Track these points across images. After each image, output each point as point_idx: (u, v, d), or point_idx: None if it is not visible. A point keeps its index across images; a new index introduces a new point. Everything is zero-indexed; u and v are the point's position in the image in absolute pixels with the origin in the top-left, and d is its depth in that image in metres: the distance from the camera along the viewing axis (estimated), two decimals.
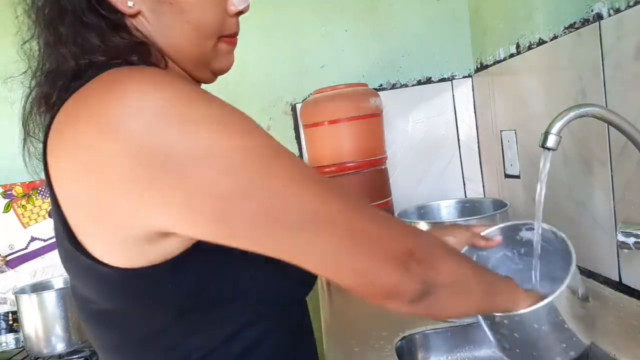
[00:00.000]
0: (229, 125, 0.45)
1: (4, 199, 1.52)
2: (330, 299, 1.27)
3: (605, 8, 0.88)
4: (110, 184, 0.44)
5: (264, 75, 1.62)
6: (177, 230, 0.46)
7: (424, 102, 1.61)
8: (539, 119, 1.17)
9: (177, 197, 0.43)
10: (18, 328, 1.43)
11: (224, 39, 0.60)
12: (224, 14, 0.58)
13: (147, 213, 0.45)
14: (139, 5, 0.53)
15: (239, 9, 0.59)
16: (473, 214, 1.10)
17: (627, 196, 0.88)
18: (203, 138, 0.43)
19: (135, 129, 0.42)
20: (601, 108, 0.76)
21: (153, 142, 0.42)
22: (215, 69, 0.62)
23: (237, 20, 0.61)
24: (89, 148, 0.44)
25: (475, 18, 1.54)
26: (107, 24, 0.52)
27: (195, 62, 0.59)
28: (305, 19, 1.61)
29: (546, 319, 0.59)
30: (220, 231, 0.45)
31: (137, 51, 0.53)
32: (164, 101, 0.43)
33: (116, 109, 0.43)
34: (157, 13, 0.53)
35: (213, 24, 0.57)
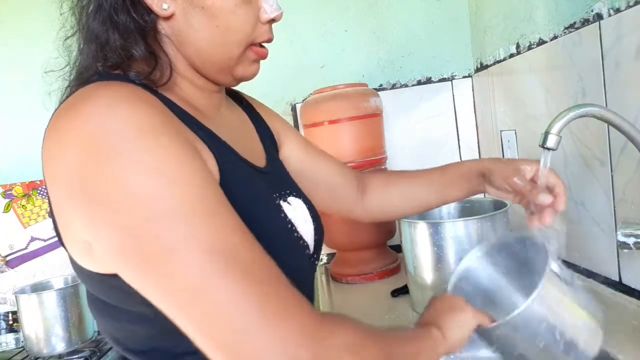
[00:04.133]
0: (148, 170, 0.44)
1: (4, 199, 1.52)
2: (330, 299, 1.27)
3: (605, 8, 0.88)
4: (60, 196, 0.48)
5: (264, 75, 1.61)
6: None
7: (424, 102, 1.61)
8: (539, 119, 1.17)
9: (88, 220, 0.46)
10: (18, 328, 1.43)
11: (253, 47, 0.61)
12: (256, 21, 0.59)
13: (80, 227, 0.47)
14: (172, 8, 0.55)
15: (272, 16, 0.60)
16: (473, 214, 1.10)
17: (627, 196, 0.88)
18: (115, 177, 0.43)
19: (72, 151, 0.45)
20: (601, 108, 0.76)
21: (79, 167, 0.45)
22: (238, 76, 0.62)
23: (270, 28, 0.62)
24: (51, 159, 0.47)
25: (475, 18, 1.54)
26: (135, 27, 0.54)
27: (219, 67, 0.59)
28: (305, 18, 1.61)
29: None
30: (117, 263, 0.46)
31: (144, 63, 0.54)
32: (101, 132, 0.44)
33: (64, 130, 0.46)
34: (188, 16, 0.55)
35: (242, 31, 0.58)
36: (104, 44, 0.54)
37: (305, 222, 0.65)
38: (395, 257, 1.41)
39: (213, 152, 0.53)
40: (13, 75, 1.57)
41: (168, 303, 0.44)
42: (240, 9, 0.57)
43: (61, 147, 0.46)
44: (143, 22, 0.54)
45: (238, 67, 0.61)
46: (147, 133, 0.45)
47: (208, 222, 0.44)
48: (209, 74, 0.60)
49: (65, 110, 0.48)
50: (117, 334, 0.56)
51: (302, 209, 0.67)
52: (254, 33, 0.59)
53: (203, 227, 0.43)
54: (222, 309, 0.42)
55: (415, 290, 1.07)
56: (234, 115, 0.72)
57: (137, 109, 0.46)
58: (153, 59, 0.55)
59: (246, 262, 0.44)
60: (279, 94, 1.63)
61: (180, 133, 0.48)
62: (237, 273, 0.42)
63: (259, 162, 0.66)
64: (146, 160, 0.44)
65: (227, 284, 0.42)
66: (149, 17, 0.54)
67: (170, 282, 0.43)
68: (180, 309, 0.43)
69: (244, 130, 0.72)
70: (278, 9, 0.60)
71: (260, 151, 0.71)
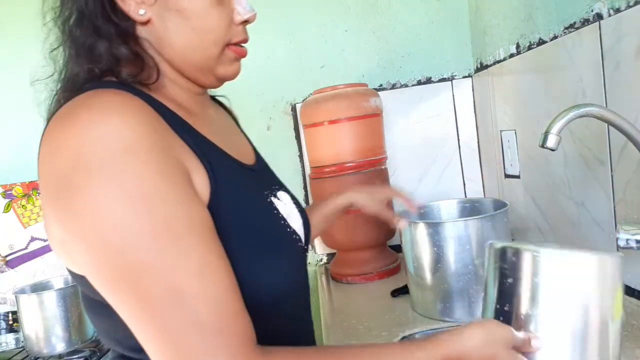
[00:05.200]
0: (124, 194, 0.46)
1: (4, 199, 1.52)
2: (330, 299, 1.27)
3: (605, 8, 0.88)
4: (45, 198, 0.51)
5: (264, 75, 1.62)
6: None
7: (424, 102, 1.61)
8: (539, 119, 1.17)
9: (64, 228, 0.49)
10: (18, 328, 1.43)
11: (231, 47, 0.63)
12: (230, 22, 0.61)
13: (59, 232, 0.51)
14: (149, 14, 0.57)
15: (245, 18, 0.62)
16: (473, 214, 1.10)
17: (627, 196, 0.88)
18: (93, 197, 0.46)
19: (56, 162, 0.48)
20: (601, 108, 0.76)
21: (64, 177, 0.47)
22: (220, 75, 0.64)
23: (244, 29, 0.64)
24: (43, 163, 0.50)
25: (475, 18, 1.54)
26: (116, 32, 0.56)
27: (200, 68, 0.62)
28: (305, 19, 1.61)
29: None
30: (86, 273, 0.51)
31: (131, 65, 0.57)
32: (89, 148, 0.47)
33: (58, 139, 0.49)
34: (165, 20, 0.58)
35: (218, 32, 0.60)
36: (90, 50, 0.56)
37: (295, 216, 0.68)
38: (395, 257, 1.41)
39: (203, 161, 0.54)
40: (14, 75, 1.57)
41: (126, 319, 0.49)
42: (213, 11, 0.59)
43: (53, 154, 0.49)
44: (123, 27, 0.57)
45: (219, 67, 0.63)
46: (131, 155, 0.47)
47: (169, 253, 0.47)
48: (191, 75, 0.62)
49: (61, 118, 0.50)
50: (115, 333, 0.56)
51: (290, 203, 0.70)
52: (229, 33, 0.61)
53: (163, 258, 0.47)
54: (165, 337, 0.47)
55: (415, 290, 1.07)
56: (219, 115, 0.75)
57: (126, 125, 0.48)
58: (139, 60, 0.57)
59: (192, 297, 0.47)
60: (279, 94, 1.63)
61: (168, 151, 0.50)
62: (182, 308, 0.46)
63: (248, 159, 0.68)
64: (125, 184, 0.46)
65: (171, 318, 0.46)
66: (127, 22, 0.57)
67: (128, 307, 0.48)
68: (134, 328, 0.49)
69: (230, 129, 0.75)
70: (251, 11, 0.63)
71: (248, 148, 0.74)
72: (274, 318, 0.57)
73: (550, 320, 0.58)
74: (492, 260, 0.62)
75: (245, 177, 0.63)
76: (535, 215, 1.25)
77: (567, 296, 0.58)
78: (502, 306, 0.60)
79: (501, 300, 0.61)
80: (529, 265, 0.58)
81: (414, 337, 0.97)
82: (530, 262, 0.58)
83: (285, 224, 0.63)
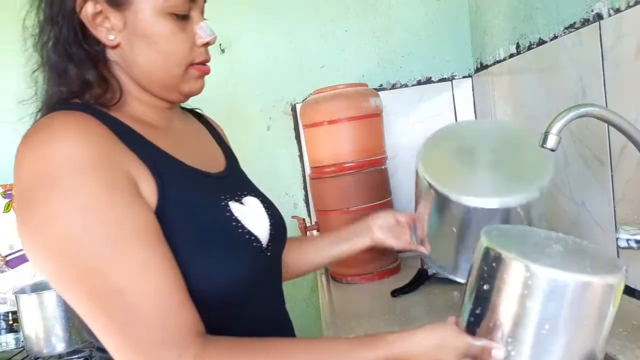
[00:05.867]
0: (77, 208, 0.53)
1: (4, 199, 1.52)
2: (330, 299, 1.27)
3: (605, 8, 0.88)
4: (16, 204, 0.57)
5: (264, 75, 1.62)
6: None
7: (424, 102, 1.61)
8: (539, 119, 1.17)
9: (24, 235, 0.56)
10: (18, 328, 1.43)
11: (195, 66, 0.69)
12: (192, 45, 0.67)
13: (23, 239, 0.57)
14: (118, 39, 0.63)
15: (206, 40, 0.68)
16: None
17: (627, 196, 0.88)
18: (49, 210, 0.53)
19: (21, 176, 0.55)
20: (601, 108, 0.76)
21: (26, 189, 0.55)
22: (185, 92, 0.70)
23: (206, 50, 0.70)
24: (14, 172, 0.57)
25: (475, 18, 1.54)
26: (87, 56, 0.63)
27: (165, 86, 0.68)
28: (305, 18, 1.61)
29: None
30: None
31: (98, 87, 0.63)
32: (47, 164, 0.54)
33: (25, 152, 0.56)
34: (132, 44, 0.64)
35: (181, 54, 0.66)
36: (63, 73, 0.63)
37: (258, 220, 0.71)
38: (395, 257, 1.41)
39: (152, 171, 0.60)
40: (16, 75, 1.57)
41: (83, 317, 0.57)
42: (176, 36, 0.65)
43: (17, 170, 0.56)
44: (94, 52, 0.63)
45: (184, 85, 0.69)
46: (82, 172, 0.54)
47: (115, 256, 0.54)
48: (157, 92, 0.68)
49: (27, 137, 0.57)
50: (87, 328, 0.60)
51: (257, 207, 0.74)
52: (192, 55, 0.67)
53: (109, 260, 0.54)
54: (114, 331, 0.54)
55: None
56: (189, 127, 0.79)
57: (78, 145, 0.54)
58: (105, 83, 0.64)
59: (134, 294, 0.54)
60: (279, 94, 1.63)
61: (116, 165, 0.56)
62: (126, 304, 0.54)
63: (213, 168, 0.73)
64: (76, 198, 0.53)
65: (117, 314, 0.54)
66: (98, 47, 0.63)
67: (81, 306, 0.56)
68: (89, 324, 0.57)
69: (198, 140, 0.79)
70: (211, 34, 0.68)
71: (218, 158, 0.79)
72: (225, 310, 0.64)
73: (523, 338, 0.54)
74: (478, 254, 0.59)
75: (201, 184, 0.68)
76: None
77: (547, 318, 0.53)
78: (474, 307, 0.58)
79: (475, 301, 0.58)
80: (510, 276, 0.54)
81: None
82: (512, 273, 0.54)
83: (238, 225, 0.66)
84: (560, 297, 0.52)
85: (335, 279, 1.41)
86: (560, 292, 0.52)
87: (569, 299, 0.52)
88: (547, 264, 0.53)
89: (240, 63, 1.61)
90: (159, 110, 0.70)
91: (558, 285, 0.52)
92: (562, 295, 0.52)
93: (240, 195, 0.72)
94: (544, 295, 0.52)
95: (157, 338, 0.54)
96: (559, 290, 0.52)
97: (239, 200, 0.71)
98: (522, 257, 0.53)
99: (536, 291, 0.52)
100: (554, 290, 0.52)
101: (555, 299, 0.52)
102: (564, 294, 0.52)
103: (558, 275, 0.51)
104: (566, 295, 0.52)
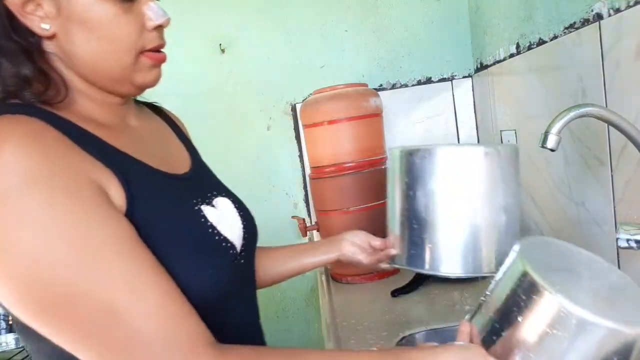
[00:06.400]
0: (34, 220, 0.46)
1: None
2: (330, 299, 1.27)
3: (605, 8, 0.88)
4: None
5: (264, 75, 1.62)
6: None
7: (424, 102, 1.61)
8: (539, 119, 1.17)
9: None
10: None
11: (147, 53, 0.60)
12: (141, 29, 0.59)
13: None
14: (53, 28, 0.55)
15: (158, 23, 0.59)
16: None
17: (627, 196, 0.88)
18: (4, 230, 0.45)
19: None
20: (601, 108, 0.75)
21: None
22: (139, 84, 0.62)
23: (159, 34, 0.61)
24: None
25: (475, 18, 1.54)
26: (20, 49, 0.55)
27: (115, 78, 0.60)
28: (305, 19, 1.61)
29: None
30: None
31: (37, 83, 0.55)
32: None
33: None
34: (70, 33, 0.56)
35: (127, 40, 0.58)
36: (1, 72, 0.55)
37: (232, 224, 0.66)
38: None
39: (115, 172, 0.53)
40: None
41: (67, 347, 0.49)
42: (120, 19, 0.57)
43: None
44: (27, 44, 0.55)
45: (136, 75, 0.61)
46: (33, 185, 0.46)
47: (93, 274, 0.47)
48: (107, 86, 0.60)
49: None
50: (46, 354, 0.54)
51: (229, 208, 0.68)
52: (141, 41, 0.59)
53: (88, 280, 0.47)
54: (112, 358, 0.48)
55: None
56: (148, 124, 0.71)
57: (24, 155, 0.47)
58: (45, 78, 0.56)
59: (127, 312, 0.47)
60: (279, 94, 1.63)
61: (74, 172, 0.49)
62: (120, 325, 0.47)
63: (179, 168, 0.67)
64: (33, 216, 0.46)
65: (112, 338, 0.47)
66: (32, 38, 0.55)
67: (65, 335, 0.48)
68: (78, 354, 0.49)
69: (160, 138, 0.71)
70: (163, 15, 0.60)
71: (182, 156, 0.72)
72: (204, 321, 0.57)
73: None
74: (513, 272, 0.57)
75: (170, 188, 0.61)
76: (535, 215, 1.25)
77: (573, 356, 0.52)
78: (499, 326, 0.57)
79: (501, 320, 0.57)
80: (544, 308, 0.53)
81: (414, 337, 0.97)
82: (546, 306, 0.52)
83: (214, 232, 0.61)
84: (590, 339, 0.51)
85: (335, 279, 1.41)
86: (590, 335, 0.51)
87: (597, 343, 0.51)
88: (583, 303, 0.52)
89: (240, 63, 1.61)
90: (110, 106, 0.62)
91: (589, 327, 0.51)
92: (591, 338, 0.51)
93: (211, 197, 0.66)
94: (573, 334, 0.52)
95: (163, 355, 0.48)
96: (589, 333, 0.51)
97: (210, 202, 0.65)
98: (558, 293, 0.52)
99: (566, 328, 0.52)
100: (584, 331, 0.51)
101: (584, 340, 0.52)
102: (593, 338, 0.51)
103: (591, 318, 0.51)
104: (595, 338, 0.51)
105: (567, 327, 0.51)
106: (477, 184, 0.77)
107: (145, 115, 0.73)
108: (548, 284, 0.53)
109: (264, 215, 1.60)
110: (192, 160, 0.72)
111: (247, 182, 1.61)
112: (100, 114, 0.61)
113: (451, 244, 0.77)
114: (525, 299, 0.54)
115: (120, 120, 0.64)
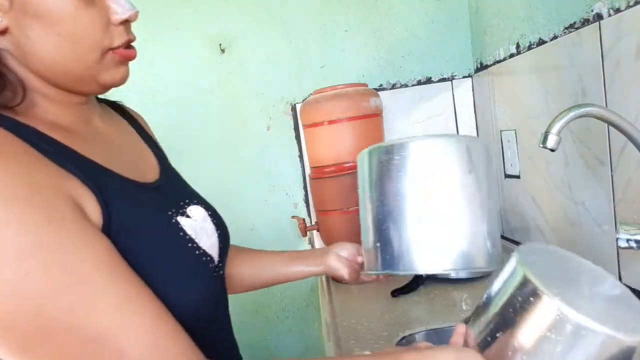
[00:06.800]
0: (8, 248, 0.42)
1: None
2: (330, 299, 1.27)
3: (605, 8, 0.88)
4: None
5: (264, 75, 1.62)
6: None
7: (424, 102, 1.61)
8: (539, 119, 1.17)
9: None
10: None
11: (115, 51, 0.55)
12: (106, 24, 0.54)
13: None
14: (5, 22, 0.49)
15: (124, 17, 0.54)
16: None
17: (627, 196, 0.88)
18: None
19: None
20: (601, 108, 0.75)
21: None
22: (105, 83, 0.57)
23: (126, 29, 0.56)
24: None
25: (475, 18, 1.54)
26: None
27: (77, 78, 0.54)
28: (305, 18, 1.61)
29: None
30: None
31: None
32: None
33: None
34: (24, 28, 0.50)
35: (90, 36, 0.53)
36: None
37: (209, 234, 0.62)
38: None
39: (94, 191, 0.49)
40: None
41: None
42: (81, 13, 0.51)
43: None
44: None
45: (103, 74, 0.55)
46: (11, 205, 0.42)
47: (79, 301, 0.43)
48: (68, 86, 0.55)
49: None
50: None
51: (204, 218, 0.63)
52: (107, 37, 0.54)
53: (74, 308, 0.43)
54: None
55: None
56: (113, 126, 0.65)
57: (5, 170, 0.43)
58: (0, 77, 0.50)
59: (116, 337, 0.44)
60: (279, 94, 1.63)
61: (46, 188, 0.45)
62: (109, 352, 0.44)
63: (148, 176, 0.62)
64: (5, 244, 0.41)
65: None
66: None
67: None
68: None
69: (127, 142, 0.66)
70: (131, 9, 0.55)
71: (150, 162, 0.66)
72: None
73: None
74: (513, 278, 0.56)
75: (143, 198, 0.57)
76: (535, 215, 1.25)
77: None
78: (496, 329, 0.56)
79: (498, 323, 0.56)
80: (544, 313, 0.52)
81: (414, 337, 0.97)
82: (546, 311, 0.52)
83: (193, 247, 0.58)
84: (587, 345, 0.51)
85: (335, 279, 1.41)
86: (588, 341, 0.51)
87: (594, 349, 0.51)
88: (581, 309, 0.51)
89: (240, 63, 1.61)
90: (73, 107, 0.57)
91: (586, 333, 0.51)
92: (588, 344, 0.51)
93: (184, 206, 0.61)
94: (569, 339, 0.51)
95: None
96: (586, 339, 0.51)
97: (184, 212, 0.60)
98: (557, 296, 0.52)
99: (563, 333, 0.51)
100: (581, 337, 0.51)
101: (581, 346, 0.51)
102: (590, 344, 0.51)
103: (589, 324, 0.50)
104: (593, 345, 0.51)
105: (564, 331, 0.51)
106: (436, 177, 0.74)
107: (109, 115, 0.67)
108: (547, 288, 0.52)
109: (264, 215, 1.61)
110: (160, 165, 0.67)
111: (247, 182, 1.62)
112: (63, 116, 0.55)
113: (423, 241, 0.74)
114: (524, 302, 0.54)
115: (85, 123, 0.58)
